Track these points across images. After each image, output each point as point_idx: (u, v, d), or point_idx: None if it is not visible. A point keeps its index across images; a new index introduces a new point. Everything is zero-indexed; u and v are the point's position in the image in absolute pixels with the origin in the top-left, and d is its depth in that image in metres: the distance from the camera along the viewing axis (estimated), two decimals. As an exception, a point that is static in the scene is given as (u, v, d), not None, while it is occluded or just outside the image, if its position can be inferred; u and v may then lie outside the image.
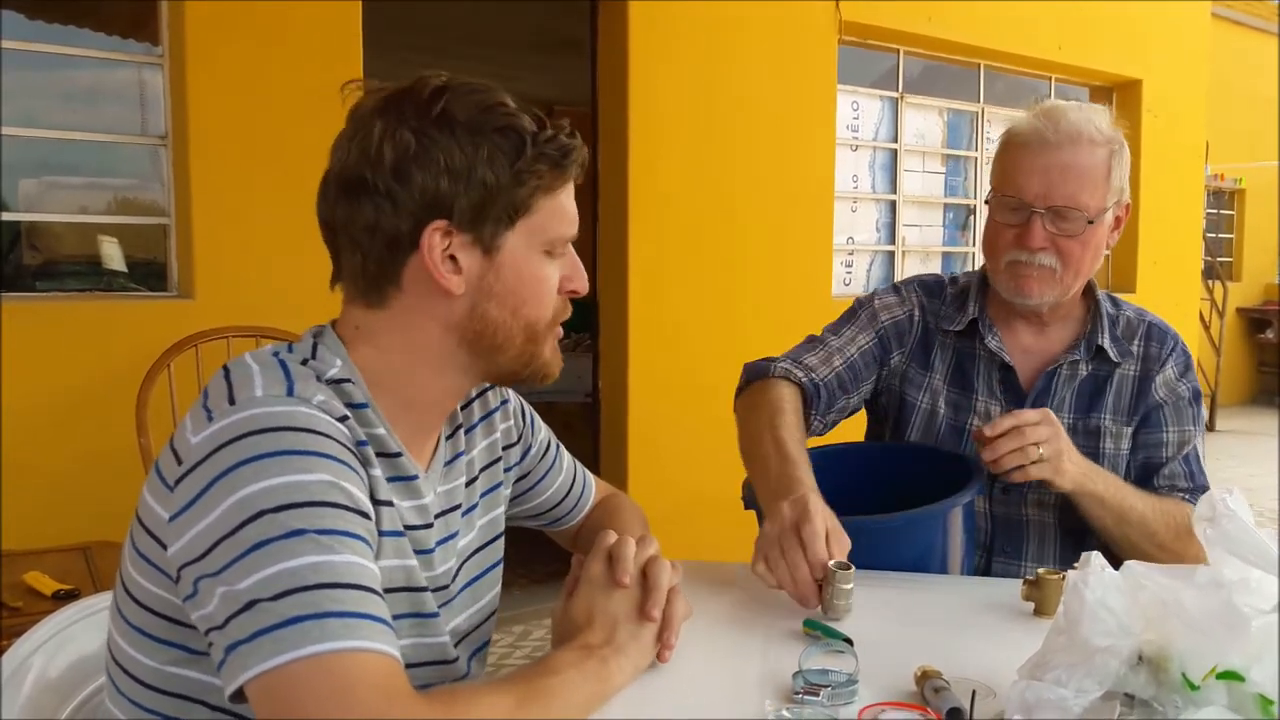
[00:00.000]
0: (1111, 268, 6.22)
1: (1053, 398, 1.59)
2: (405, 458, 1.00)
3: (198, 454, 0.86)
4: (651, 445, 4.07)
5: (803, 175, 4.53)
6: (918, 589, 1.39)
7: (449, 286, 0.97)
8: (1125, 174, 1.54)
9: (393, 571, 0.96)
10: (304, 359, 0.97)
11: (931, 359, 1.65)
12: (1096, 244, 1.52)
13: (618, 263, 4.04)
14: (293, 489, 0.83)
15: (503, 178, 0.95)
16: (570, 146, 0.99)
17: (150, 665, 0.93)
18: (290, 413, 0.87)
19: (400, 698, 0.79)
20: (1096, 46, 5.75)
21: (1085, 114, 1.52)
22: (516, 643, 3.58)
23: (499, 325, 1.00)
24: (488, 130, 0.95)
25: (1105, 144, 1.51)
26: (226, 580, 0.81)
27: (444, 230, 0.95)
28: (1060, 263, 1.51)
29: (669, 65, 4.06)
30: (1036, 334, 1.62)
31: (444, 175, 0.94)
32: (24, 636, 1.15)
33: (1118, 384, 1.59)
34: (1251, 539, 0.82)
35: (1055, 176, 1.48)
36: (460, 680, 1.07)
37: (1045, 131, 1.50)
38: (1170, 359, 1.59)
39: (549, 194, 0.99)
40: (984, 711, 0.92)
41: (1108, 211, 1.52)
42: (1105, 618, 0.81)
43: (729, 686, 1.01)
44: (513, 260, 0.99)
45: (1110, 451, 1.57)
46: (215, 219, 3.08)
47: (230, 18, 3.08)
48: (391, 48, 5.21)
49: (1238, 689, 0.78)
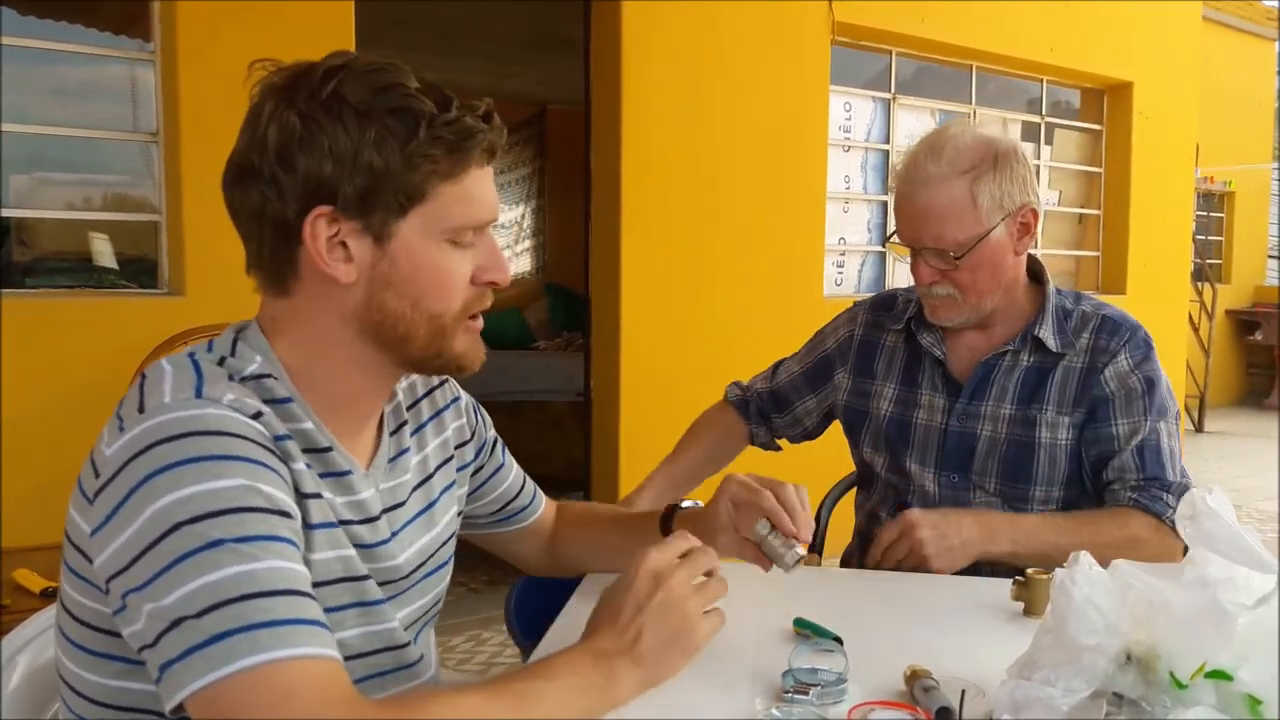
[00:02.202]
0: (1101, 269, 6.24)
1: (990, 387, 1.63)
2: (336, 452, 0.98)
3: (112, 466, 0.84)
4: (643, 444, 4.06)
5: (795, 176, 4.53)
6: (908, 588, 1.40)
7: (335, 275, 0.93)
8: (1010, 185, 1.53)
9: (329, 563, 0.94)
10: (221, 357, 0.94)
11: (874, 367, 1.75)
12: (990, 263, 1.55)
13: (610, 261, 4.04)
14: (207, 498, 0.81)
15: (392, 162, 0.90)
16: (472, 129, 0.93)
17: (96, 681, 0.91)
18: (199, 416, 0.85)
19: (339, 702, 0.78)
20: (1088, 49, 5.76)
21: (948, 146, 1.53)
22: (506, 641, 3.57)
23: (399, 316, 0.95)
24: (379, 112, 0.90)
25: (967, 173, 1.52)
26: (152, 596, 0.79)
27: (329, 216, 0.91)
28: (956, 290, 1.57)
29: (662, 65, 4.06)
30: (979, 332, 1.66)
31: (328, 159, 0.90)
32: (11, 634, 1.14)
33: (1062, 376, 1.61)
34: (1232, 536, 0.83)
35: (918, 222, 1.55)
36: (413, 665, 1.05)
37: (905, 177, 1.56)
38: (1125, 350, 1.60)
39: (449, 179, 0.93)
40: (973, 711, 0.92)
41: (992, 231, 1.53)
42: (1093, 616, 0.81)
43: (719, 685, 1.01)
44: (406, 248, 0.94)
45: (1046, 441, 1.60)
46: (206, 216, 3.06)
47: (222, 15, 3.07)
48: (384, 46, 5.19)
49: (1226, 688, 0.79)
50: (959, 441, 1.63)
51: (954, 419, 1.64)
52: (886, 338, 1.76)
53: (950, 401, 1.65)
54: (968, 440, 1.63)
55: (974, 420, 1.63)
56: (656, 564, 0.98)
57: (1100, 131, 6.23)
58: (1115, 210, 6.21)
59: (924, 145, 1.56)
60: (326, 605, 0.88)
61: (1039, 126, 5.95)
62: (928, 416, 1.67)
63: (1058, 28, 5.53)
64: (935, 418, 1.66)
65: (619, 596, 0.98)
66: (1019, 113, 5.93)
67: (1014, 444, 1.61)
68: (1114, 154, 6.20)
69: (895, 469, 1.70)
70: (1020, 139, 5.92)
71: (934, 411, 1.67)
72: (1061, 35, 5.57)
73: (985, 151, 1.53)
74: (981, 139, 1.55)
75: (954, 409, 1.64)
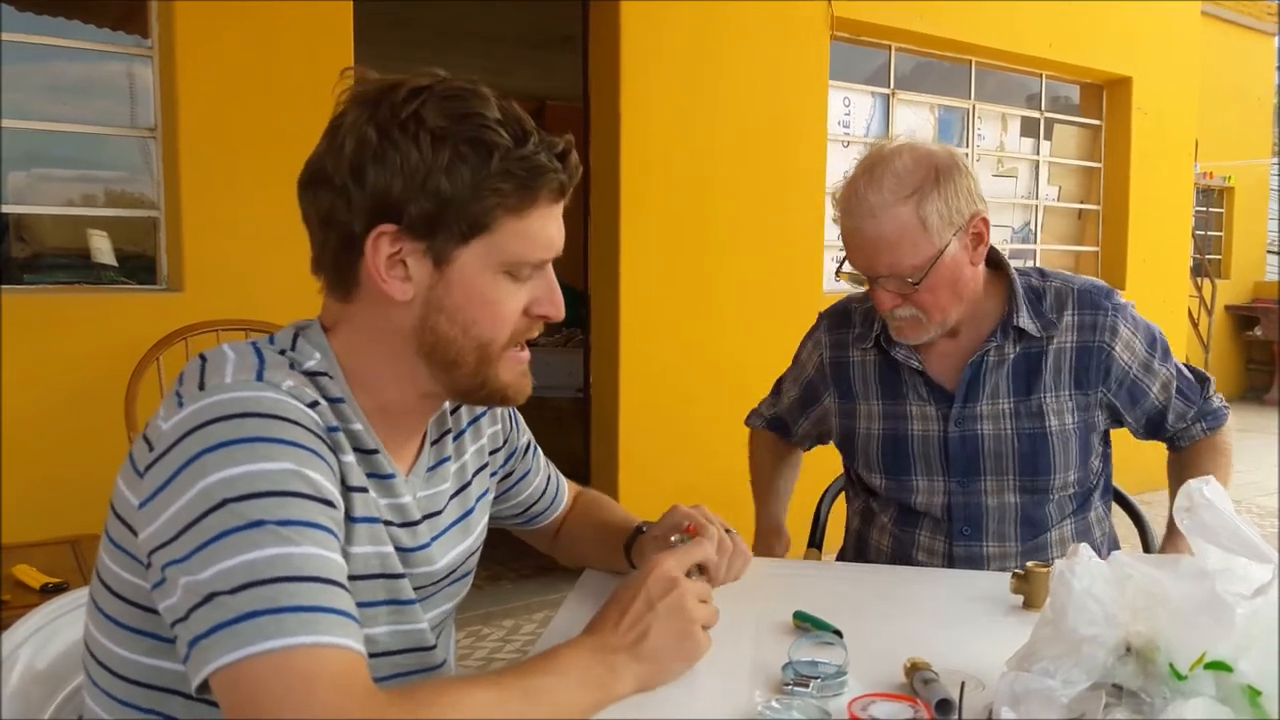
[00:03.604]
0: (1100, 265, 6.24)
1: (982, 386, 1.60)
2: (382, 455, 0.99)
3: (167, 440, 0.85)
4: (642, 440, 4.07)
5: (794, 171, 4.53)
6: (907, 582, 1.40)
7: (391, 292, 0.94)
8: (955, 199, 1.48)
9: (367, 558, 0.95)
10: (282, 349, 0.96)
11: (853, 388, 1.71)
12: (949, 280, 1.51)
13: (609, 258, 4.04)
14: (255, 478, 0.82)
15: (460, 190, 0.91)
16: (544, 168, 0.93)
17: (126, 657, 0.92)
18: (257, 398, 0.86)
19: (357, 694, 0.78)
20: (1087, 44, 5.76)
21: (888, 173, 1.48)
22: (507, 637, 3.57)
23: (449, 341, 0.96)
24: (455, 139, 0.91)
25: (911, 197, 1.47)
26: (190, 569, 0.80)
27: (392, 235, 0.92)
28: (919, 310, 1.53)
29: (661, 61, 4.06)
30: (950, 337, 1.61)
31: (398, 178, 0.91)
32: (11, 629, 1.14)
33: (1055, 358, 1.59)
34: (1229, 527, 0.83)
35: (869, 253, 1.51)
36: (437, 669, 1.06)
37: (848, 210, 1.52)
38: (1118, 321, 1.60)
39: (514, 214, 0.94)
40: (973, 703, 0.92)
41: (946, 249, 1.48)
42: (1092, 607, 0.81)
43: (719, 678, 1.01)
44: (463, 276, 0.94)
45: (1056, 428, 1.59)
46: (205, 212, 3.07)
47: (220, 10, 3.07)
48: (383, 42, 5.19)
49: (1225, 679, 0.78)
50: (961, 446, 1.60)
51: (952, 425, 1.60)
52: (854, 355, 1.71)
53: (943, 409, 1.61)
54: (970, 443, 1.60)
55: (973, 422, 1.60)
56: (673, 569, 1.00)
57: (1099, 127, 6.22)
58: (1114, 206, 6.21)
59: (862, 172, 1.51)
60: (360, 600, 0.88)
61: (1038, 122, 5.94)
62: (922, 427, 1.63)
63: (1057, 23, 5.53)
64: (931, 427, 1.62)
65: (629, 594, 0.99)
66: (1018, 108, 5.92)
67: (1025, 438, 1.59)
68: (1113, 149, 6.19)
69: (895, 484, 1.67)
70: (1020, 134, 5.94)
71: (928, 421, 1.63)
72: (1061, 30, 5.57)
73: (926, 171, 1.48)
74: (919, 157, 1.49)
75: (950, 415, 1.60)
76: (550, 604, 3.82)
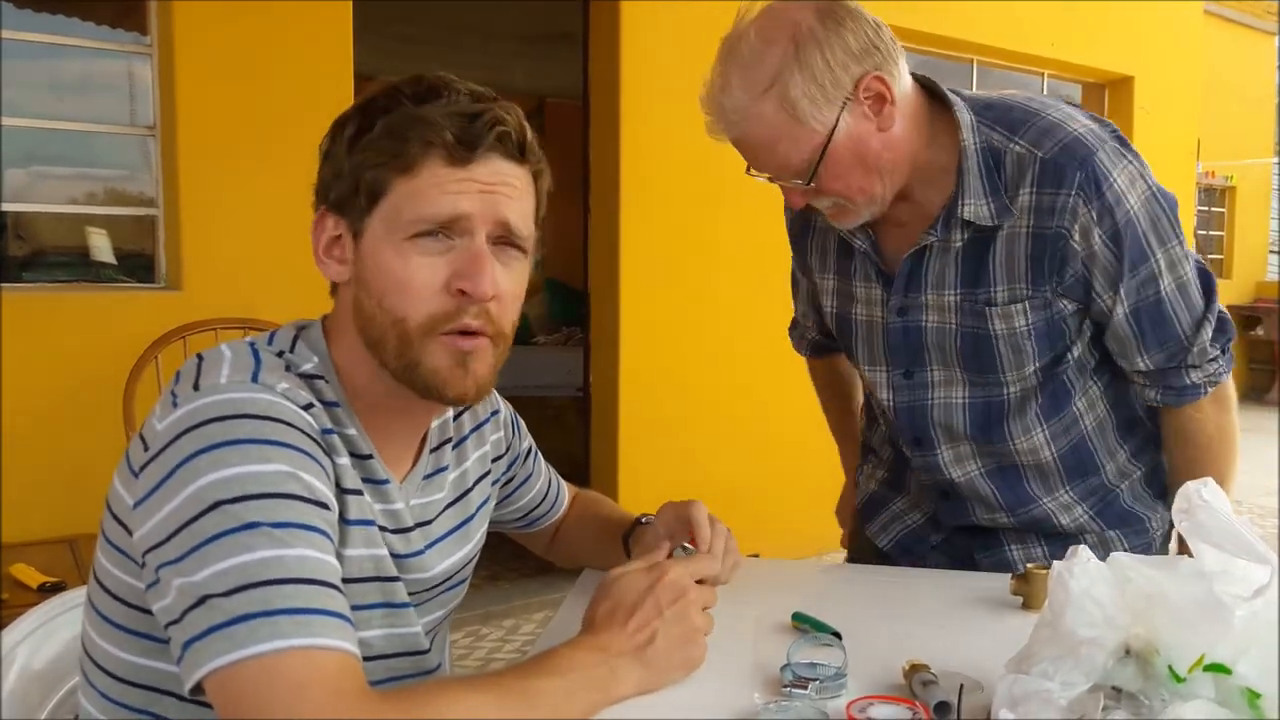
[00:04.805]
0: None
1: (925, 276, 1.37)
2: (376, 461, 0.98)
3: (161, 440, 0.85)
4: (642, 438, 4.07)
5: (795, 170, 4.53)
6: (907, 583, 1.39)
7: (329, 274, 0.98)
8: (829, 70, 1.22)
9: (361, 561, 0.95)
10: (280, 351, 0.96)
11: (808, 259, 1.54)
12: (853, 160, 1.26)
13: (609, 256, 4.04)
14: (249, 480, 0.82)
15: (356, 156, 0.93)
16: (426, 120, 0.90)
17: (121, 657, 0.92)
18: (251, 399, 0.86)
19: (352, 696, 0.78)
20: (1089, 43, 5.75)
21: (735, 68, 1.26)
22: (506, 637, 3.57)
23: (370, 317, 0.94)
24: (366, 113, 0.94)
25: (769, 89, 1.23)
26: (183, 571, 0.80)
27: (322, 215, 0.97)
28: (838, 195, 1.30)
29: (661, 58, 4.05)
30: (904, 203, 1.35)
31: (328, 162, 0.96)
32: (9, 628, 1.14)
33: (1005, 249, 1.31)
34: (1227, 528, 0.82)
35: (749, 158, 1.31)
36: (431, 672, 1.06)
37: (709, 115, 1.32)
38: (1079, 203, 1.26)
39: (404, 175, 0.91)
40: (971, 705, 0.92)
41: (835, 130, 1.23)
42: (1091, 608, 0.81)
43: (717, 679, 1.00)
44: (374, 248, 0.93)
45: (1002, 331, 1.34)
46: (203, 210, 3.06)
47: (220, 8, 3.06)
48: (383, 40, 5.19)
49: (1224, 681, 0.78)
50: (904, 336, 1.41)
51: (891, 312, 1.41)
52: (817, 220, 1.47)
53: (887, 293, 1.41)
54: (913, 334, 1.40)
55: (917, 311, 1.39)
56: (683, 577, 1.00)
57: (1100, 126, 6.22)
58: (1115, 205, 6.21)
59: (715, 71, 1.29)
60: (354, 603, 0.88)
61: (1039, 121, 5.94)
62: (867, 311, 1.45)
63: (1059, 22, 5.52)
64: (875, 311, 1.43)
65: (635, 597, 0.97)
66: (1019, 107, 5.92)
67: (967, 336, 1.37)
68: (1114, 148, 6.19)
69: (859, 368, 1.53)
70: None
71: (872, 305, 1.43)
72: (1063, 30, 5.56)
73: (781, 48, 1.22)
74: (767, 33, 1.23)
75: (890, 302, 1.40)
76: (549, 604, 3.82)
